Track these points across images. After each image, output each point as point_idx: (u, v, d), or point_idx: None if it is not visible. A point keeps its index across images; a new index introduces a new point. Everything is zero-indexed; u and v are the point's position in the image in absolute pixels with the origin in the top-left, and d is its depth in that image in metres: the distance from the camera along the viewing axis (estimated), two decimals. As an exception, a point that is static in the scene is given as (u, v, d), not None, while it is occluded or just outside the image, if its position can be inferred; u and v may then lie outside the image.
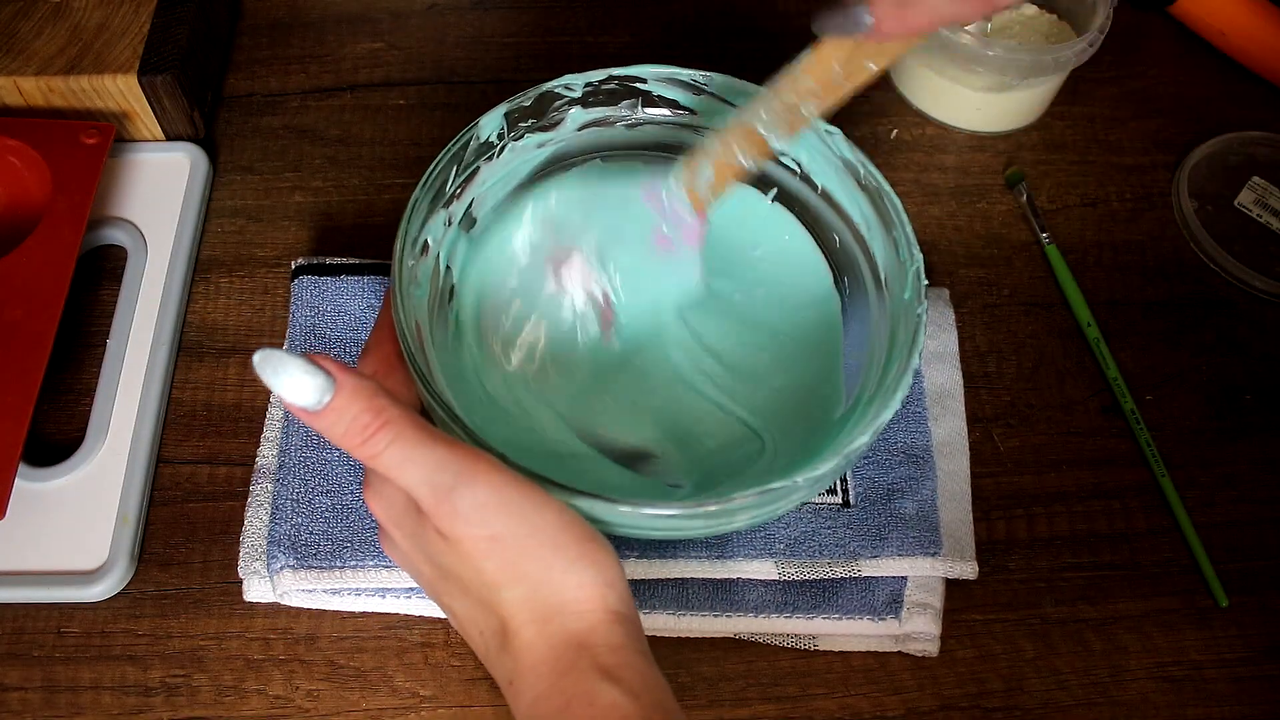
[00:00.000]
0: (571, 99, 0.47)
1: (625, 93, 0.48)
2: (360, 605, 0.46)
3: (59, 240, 0.50)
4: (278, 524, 0.46)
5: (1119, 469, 0.51)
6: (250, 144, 0.60)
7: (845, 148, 0.46)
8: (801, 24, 0.65)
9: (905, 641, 0.46)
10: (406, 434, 0.35)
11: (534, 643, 0.35)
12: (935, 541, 0.47)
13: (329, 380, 0.34)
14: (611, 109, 0.48)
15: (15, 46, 0.55)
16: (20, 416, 0.46)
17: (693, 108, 0.48)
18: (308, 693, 0.45)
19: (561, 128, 0.48)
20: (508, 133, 0.46)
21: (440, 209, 0.45)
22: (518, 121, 0.46)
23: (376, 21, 0.64)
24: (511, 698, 0.36)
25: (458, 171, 0.45)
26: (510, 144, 0.47)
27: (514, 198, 0.49)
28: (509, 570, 0.35)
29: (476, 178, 0.46)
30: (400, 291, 0.41)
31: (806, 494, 0.40)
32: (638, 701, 0.34)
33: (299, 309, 0.52)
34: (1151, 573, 0.49)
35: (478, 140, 0.45)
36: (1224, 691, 0.46)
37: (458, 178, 0.45)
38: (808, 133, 0.46)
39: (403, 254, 0.42)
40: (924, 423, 0.50)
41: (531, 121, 0.47)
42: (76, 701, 0.45)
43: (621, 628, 0.35)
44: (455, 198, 0.46)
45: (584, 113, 0.48)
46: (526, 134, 0.47)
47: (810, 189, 0.49)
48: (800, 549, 0.46)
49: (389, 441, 0.34)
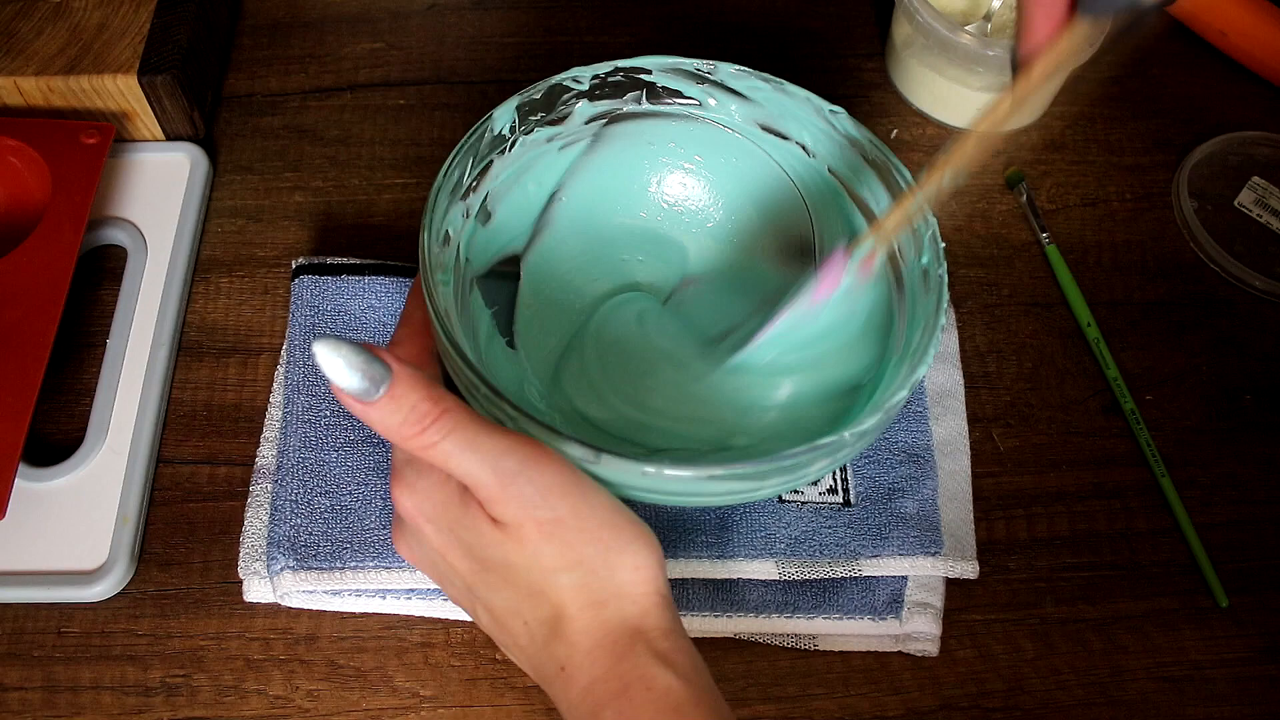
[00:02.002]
0: (579, 92, 0.47)
1: (631, 84, 0.48)
2: (361, 606, 0.46)
3: (59, 240, 0.50)
4: (277, 525, 0.46)
5: (1119, 469, 0.51)
6: (250, 144, 0.60)
7: (850, 125, 0.46)
8: (802, 23, 0.65)
9: (905, 641, 0.46)
10: (466, 422, 0.35)
11: (590, 627, 0.35)
12: (936, 541, 0.47)
13: (386, 369, 0.33)
14: (618, 101, 0.48)
15: (15, 46, 0.55)
16: (20, 416, 0.46)
17: (697, 98, 0.49)
18: (308, 693, 0.45)
19: (570, 121, 0.48)
20: (519, 126, 0.47)
21: (458, 201, 0.45)
22: (528, 115, 0.47)
23: (376, 21, 0.64)
24: (563, 684, 0.36)
25: (473, 164, 0.45)
26: (521, 138, 0.47)
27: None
28: (567, 554, 0.35)
29: (490, 171, 0.46)
30: (430, 280, 0.41)
31: (851, 452, 0.40)
32: (690, 685, 0.35)
33: (299, 309, 0.52)
34: (1151, 573, 0.49)
35: (491, 133, 0.45)
36: (1224, 691, 0.46)
37: (473, 170, 0.45)
38: (812, 114, 0.47)
39: (429, 243, 0.42)
40: (925, 422, 0.50)
41: (541, 115, 0.47)
42: (76, 701, 0.45)
43: (670, 611, 0.36)
44: (472, 190, 0.46)
45: (591, 106, 0.48)
46: (536, 128, 0.47)
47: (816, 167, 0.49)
48: (801, 549, 0.46)
49: (449, 430, 0.34)
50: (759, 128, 0.49)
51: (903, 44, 0.60)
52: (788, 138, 0.49)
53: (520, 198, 0.49)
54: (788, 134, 0.48)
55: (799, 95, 0.47)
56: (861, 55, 0.64)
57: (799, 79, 0.48)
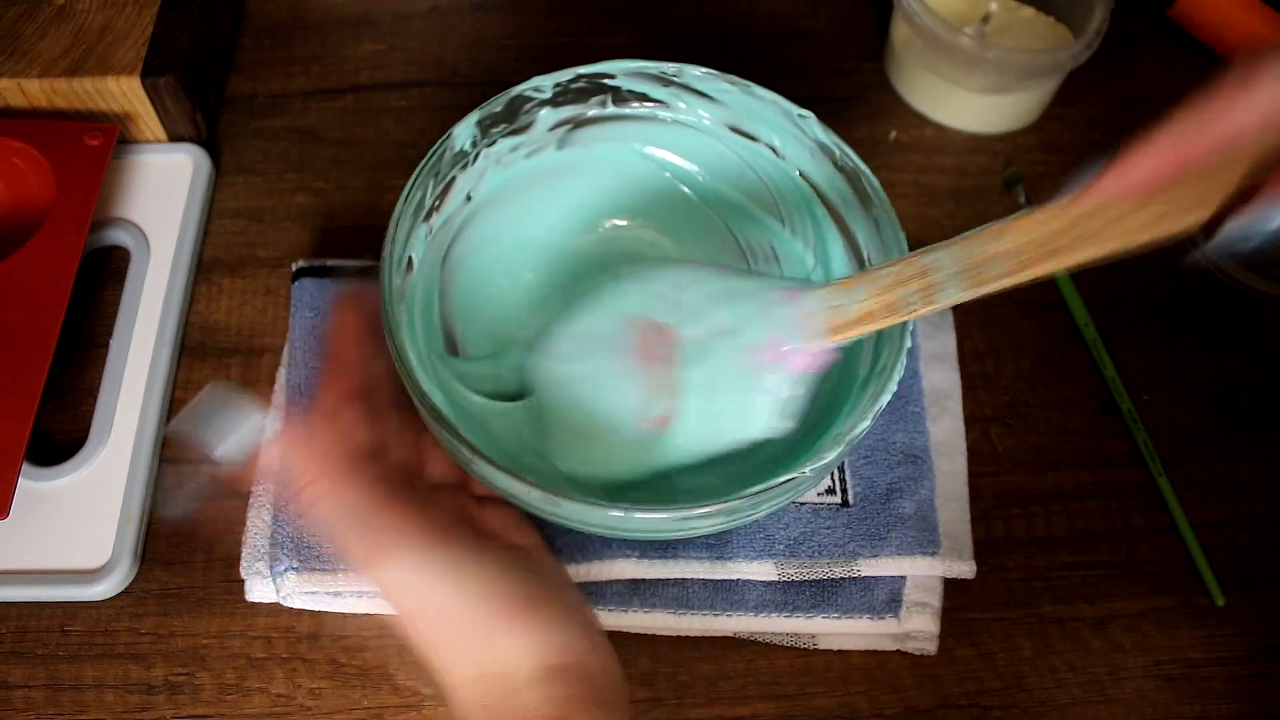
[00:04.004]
0: (541, 100, 0.47)
1: (595, 90, 0.47)
2: (363, 607, 0.46)
3: (62, 241, 0.50)
4: (280, 526, 0.46)
5: (1116, 468, 0.51)
6: (252, 145, 0.60)
7: (819, 130, 0.46)
8: (801, 25, 0.66)
9: (904, 640, 0.46)
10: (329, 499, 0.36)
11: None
12: (934, 541, 0.47)
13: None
14: (582, 107, 0.48)
15: (19, 48, 0.56)
16: (24, 416, 0.46)
17: (664, 100, 0.48)
18: (310, 691, 0.45)
19: (533, 130, 0.48)
20: (481, 140, 0.46)
21: (421, 223, 0.45)
22: (490, 128, 0.46)
23: (378, 23, 0.65)
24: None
25: (435, 183, 0.45)
26: (484, 150, 0.47)
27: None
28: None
29: (453, 188, 0.46)
30: (391, 310, 0.41)
31: (811, 484, 0.40)
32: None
33: (299, 311, 0.52)
34: (1149, 572, 0.49)
35: (452, 151, 0.45)
36: (1221, 690, 0.46)
37: (435, 189, 0.45)
38: (780, 117, 0.46)
39: (391, 273, 0.42)
40: (922, 423, 0.50)
41: (504, 126, 0.47)
42: (80, 700, 0.45)
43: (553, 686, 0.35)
44: (435, 210, 0.46)
45: (554, 113, 0.48)
46: (499, 139, 0.47)
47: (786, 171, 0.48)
48: (800, 549, 0.47)
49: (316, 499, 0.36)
50: (728, 129, 0.48)
51: (902, 46, 0.60)
52: (757, 139, 0.48)
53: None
54: (756, 135, 0.48)
55: (766, 98, 0.46)
56: (861, 57, 0.64)
57: (798, 80, 0.48)
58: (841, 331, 0.40)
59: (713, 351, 0.42)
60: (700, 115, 0.48)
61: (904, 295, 0.38)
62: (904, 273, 0.38)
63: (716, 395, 0.42)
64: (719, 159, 0.49)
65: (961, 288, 0.36)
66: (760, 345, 0.41)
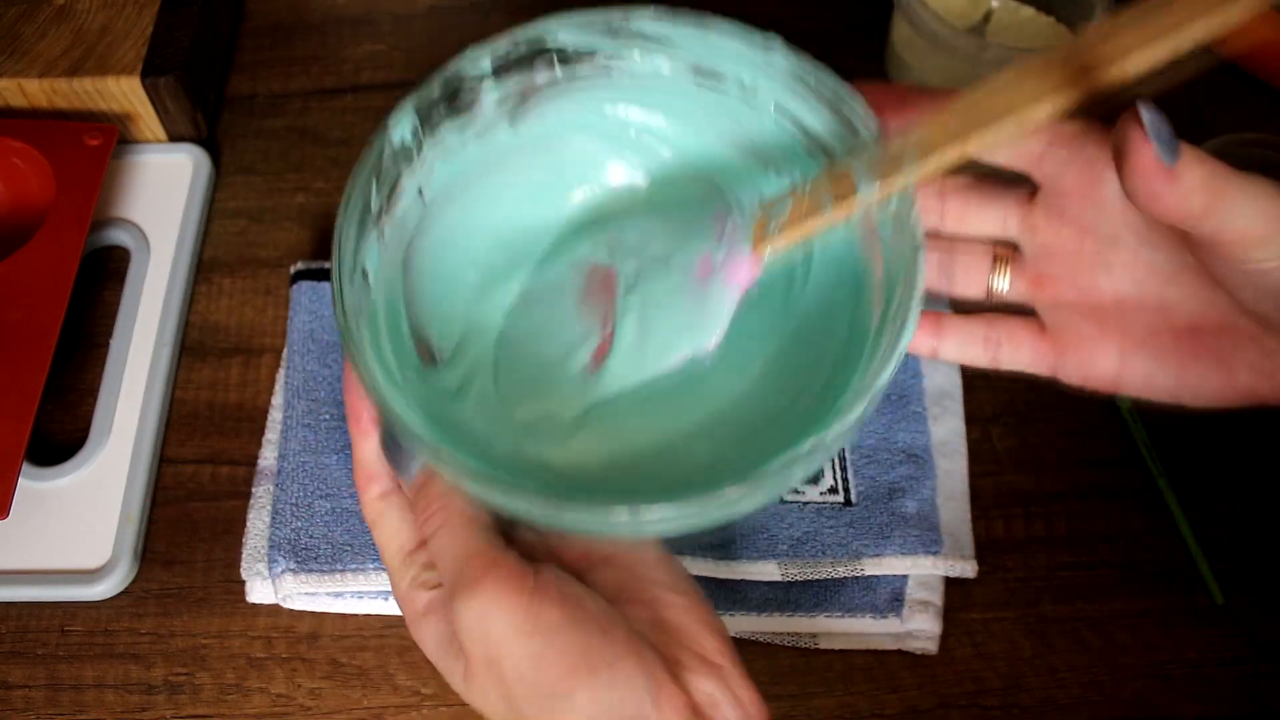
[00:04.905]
0: (481, 75, 0.42)
1: (538, 53, 0.42)
2: (363, 608, 0.47)
3: (62, 241, 0.50)
4: (278, 528, 0.47)
5: (1116, 468, 0.51)
6: (253, 145, 0.60)
7: (787, 56, 0.41)
8: (801, 25, 0.65)
9: (906, 640, 0.46)
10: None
11: None
12: (936, 540, 0.47)
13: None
14: (528, 75, 0.43)
15: (19, 48, 0.56)
16: (24, 416, 0.46)
17: (615, 53, 0.43)
18: (310, 691, 0.45)
19: (477, 109, 0.43)
20: (422, 130, 0.41)
21: (371, 229, 0.40)
22: (429, 114, 0.41)
23: (378, 23, 0.65)
24: None
25: (379, 185, 0.40)
26: (427, 141, 0.42)
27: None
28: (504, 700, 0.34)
29: (400, 187, 0.41)
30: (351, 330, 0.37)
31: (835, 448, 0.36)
32: None
33: (297, 314, 0.52)
34: (1149, 571, 0.49)
35: (392, 146, 0.40)
36: (1220, 689, 0.46)
37: (380, 192, 0.40)
38: (745, 49, 0.42)
39: (344, 290, 0.38)
40: (924, 422, 0.50)
41: (445, 110, 0.42)
42: (80, 700, 0.45)
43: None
44: (384, 214, 0.41)
45: (499, 86, 0.42)
46: (443, 123, 0.42)
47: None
48: (803, 549, 0.47)
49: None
50: (691, 73, 0.43)
51: (902, 45, 0.60)
52: (723, 78, 0.43)
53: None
54: (723, 74, 0.43)
55: (725, 30, 0.41)
56: (860, 56, 0.64)
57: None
58: (765, 240, 0.40)
59: (647, 276, 0.42)
60: (658, 63, 0.43)
61: (820, 200, 0.38)
62: (821, 180, 0.39)
63: (649, 316, 0.41)
64: (686, 107, 0.45)
65: (871, 182, 0.36)
66: (690, 264, 0.41)
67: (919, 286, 0.36)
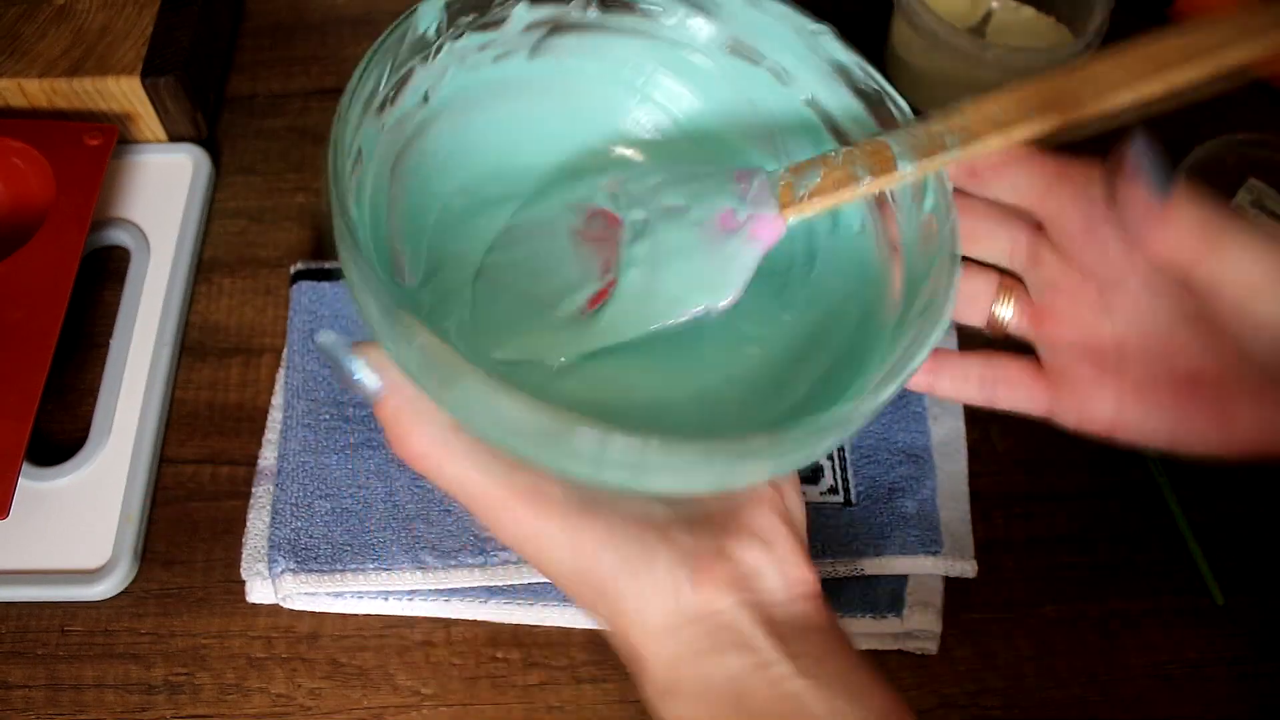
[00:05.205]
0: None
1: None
2: (363, 608, 0.47)
3: (62, 241, 0.51)
4: (277, 528, 0.46)
5: (1116, 468, 0.51)
6: (253, 145, 0.60)
7: (837, 48, 0.40)
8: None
9: (906, 639, 0.46)
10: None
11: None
12: (936, 540, 0.47)
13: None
14: (562, 7, 0.42)
15: (19, 48, 0.56)
16: (24, 416, 0.46)
17: (656, 10, 0.42)
18: (310, 691, 0.45)
19: (505, 27, 0.41)
20: (446, 28, 0.40)
21: (373, 115, 0.38)
22: (457, 14, 0.40)
23: (379, 23, 0.64)
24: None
25: (391, 71, 0.38)
26: (448, 43, 0.40)
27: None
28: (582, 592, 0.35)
29: (410, 82, 0.40)
30: (342, 213, 0.35)
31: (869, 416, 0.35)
32: None
33: (297, 314, 0.52)
34: (1149, 571, 0.49)
35: (414, 33, 0.39)
36: (1221, 689, 0.46)
37: (390, 79, 0.39)
38: (790, 34, 0.41)
39: (339, 163, 0.35)
40: (924, 422, 0.50)
41: (473, 17, 0.40)
42: (80, 700, 0.45)
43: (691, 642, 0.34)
44: (388, 103, 0.39)
45: (531, 10, 0.41)
46: (467, 31, 0.40)
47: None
48: (801, 548, 0.47)
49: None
50: (727, 49, 0.42)
51: (902, 46, 0.60)
52: (760, 61, 0.42)
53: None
54: (762, 55, 0.42)
55: (775, 10, 0.41)
56: (860, 57, 0.64)
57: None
58: (793, 206, 0.39)
59: (659, 227, 0.41)
60: (697, 31, 0.42)
61: (854, 170, 0.38)
62: (855, 152, 0.38)
63: (661, 266, 0.40)
64: (711, 83, 0.44)
65: (911, 160, 0.37)
66: (709, 218, 0.40)
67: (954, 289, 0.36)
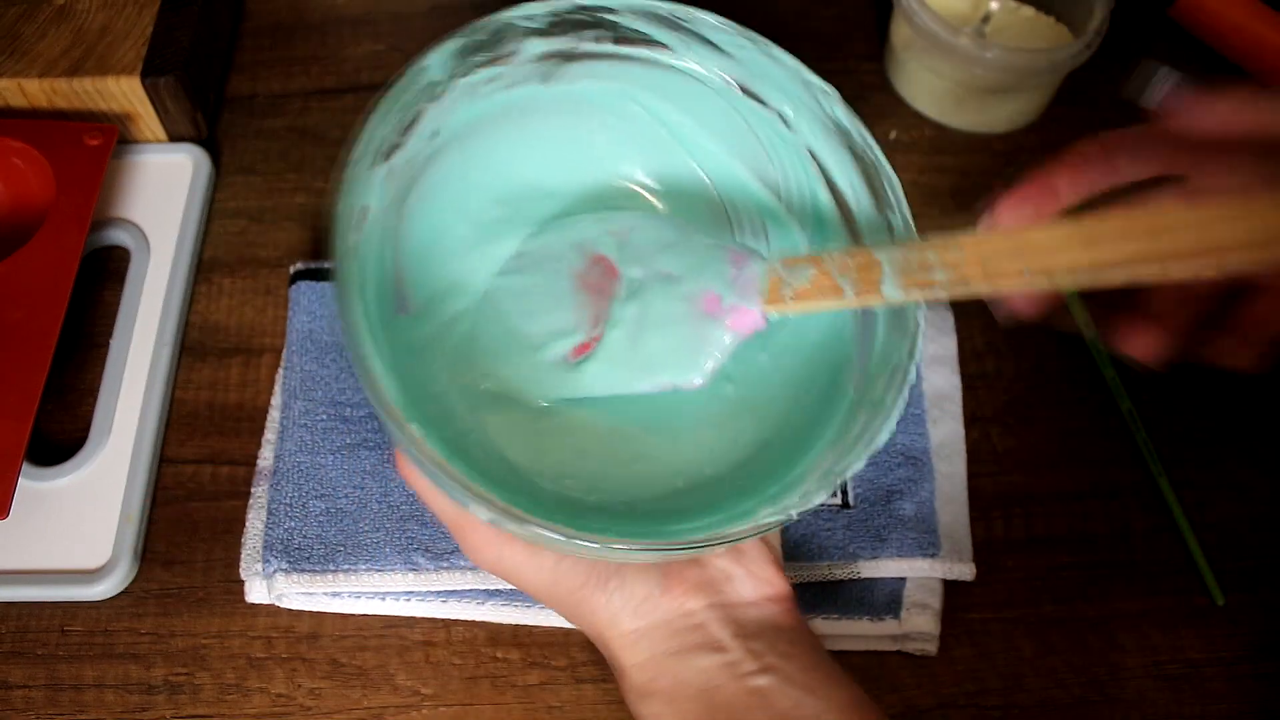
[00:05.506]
0: (531, 29, 0.41)
1: (593, 23, 0.42)
2: (360, 608, 0.47)
3: (62, 241, 0.50)
4: (272, 528, 0.46)
5: (1116, 468, 0.51)
6: (253, 145, 0.60)
7: (841, 111, 0.41)
8: (801, 25, 0.66)
9: (904, 641, 0.46)
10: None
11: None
12: (934, 543, 0.47)
13: None
14: (575, 40, 0.42)
15: (19, 48, 0.56)
16: (24, 416, 0.46)
17: (668, 44, 0.42)
18: (310, 691, 0.45)
19: (515, 59, 0.41)
20: (456, 70, 0.40)
21: (381, 163, 0.39)
22: (469, 56, 0.40)
23: (378, 23, 0.65)
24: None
25: (399, 120, 0.39)
26: (458, 81, 0.41)
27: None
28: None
29: (419, 123, 0.40)
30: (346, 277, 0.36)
31: (789, 517, 0.36)
32: None
33: (296, 314, 0.52)
34: (1149, 571, 0.49)
35: (423, 82, 0.39)
36: (1221, 689, 0.46)
37: (400, 126, 0.39)
38: (799, 88, 0.42)
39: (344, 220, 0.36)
40: (923, 425, 0.50)
41: (484, 55, 0.41)
42: (80, 700, 0.45)
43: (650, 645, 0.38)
44: (396, 148, 0.39)
45: (543, 43, 0.41)
46: (476, 69, 0.41)
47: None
48: (800, 551, 0.47)
49: None
50: (737, 88, 0.43)
51: (902, 46, 0.60)
52: (766, 104, 0.43)
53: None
54: (767, 100, 0.43)
55: (786, 63, 0.41)
56: (860, 56, 0.64)
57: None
58: (776, 302, 0.40)
59: (650, 291, 0.42)
60: (707, 68, 0.43)
61: (842, 281, 0.38)
62: (847, 261, 0.38)
63: (644, 333, 0.41)
64: (719, 118, 0.44)
65: (898, 286, 0.36)
66: (696, 296, 0.41)
67: (907, 385, 0.37)
